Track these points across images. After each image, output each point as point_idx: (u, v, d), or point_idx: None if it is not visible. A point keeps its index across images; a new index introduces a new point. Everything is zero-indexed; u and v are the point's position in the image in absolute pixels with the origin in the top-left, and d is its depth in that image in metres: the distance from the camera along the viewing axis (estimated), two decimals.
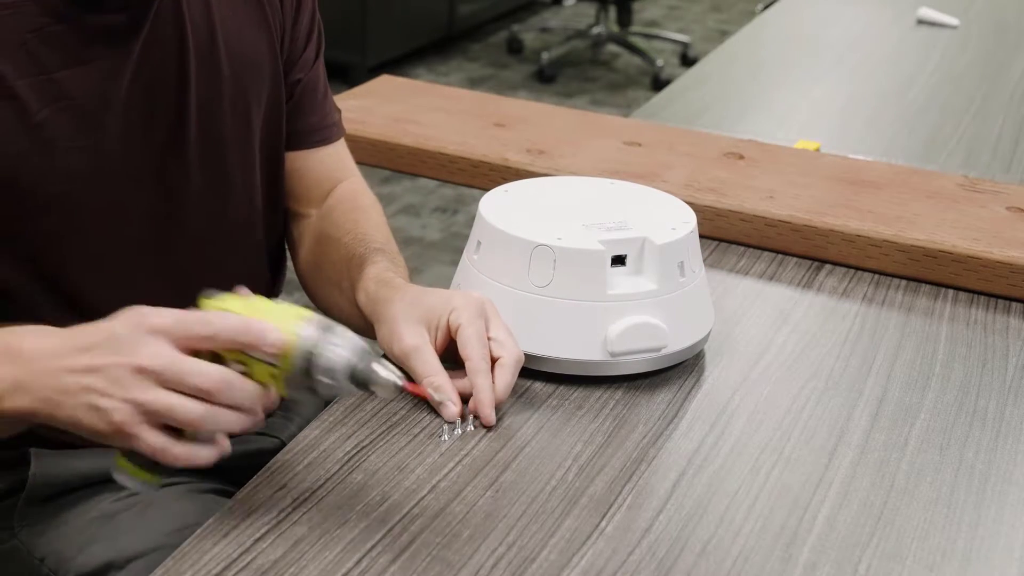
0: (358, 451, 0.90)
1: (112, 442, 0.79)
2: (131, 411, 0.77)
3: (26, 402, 0.79)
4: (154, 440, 0.77)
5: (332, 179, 1.17)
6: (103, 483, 1.07)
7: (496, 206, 1.06)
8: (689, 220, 1.05)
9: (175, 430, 0.78)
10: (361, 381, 0.79)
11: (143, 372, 0.76)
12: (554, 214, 1.05)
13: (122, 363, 0.77)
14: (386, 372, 0.80)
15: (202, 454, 0.79)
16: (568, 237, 0.99)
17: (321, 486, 0.86)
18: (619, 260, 1.01)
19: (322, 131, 1.16)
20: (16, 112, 0.92)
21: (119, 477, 0.82)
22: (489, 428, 0.93)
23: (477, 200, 1.08)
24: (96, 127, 0.97)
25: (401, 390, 0.81)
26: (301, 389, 0.79)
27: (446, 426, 0.93)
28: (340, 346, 0.78)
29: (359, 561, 0.78)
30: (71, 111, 0.95)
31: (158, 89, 1.00)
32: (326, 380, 0.78)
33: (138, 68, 0.98)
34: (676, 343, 1.02)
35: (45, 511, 1.05)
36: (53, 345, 0.80)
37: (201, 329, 0.78)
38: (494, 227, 1.02)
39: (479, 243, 1.04)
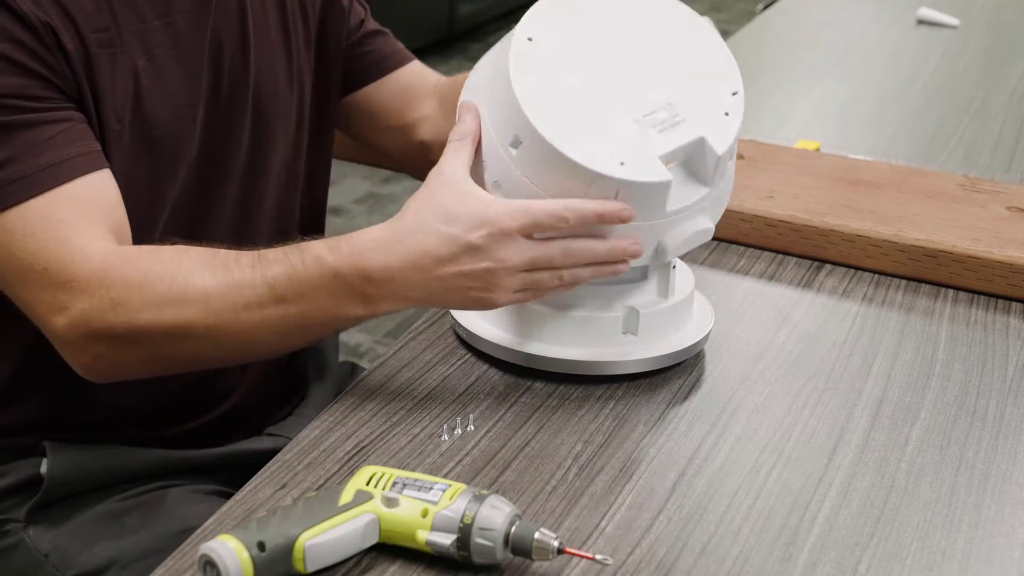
0: (358, 451, 0.90)
1: (481, 309, 0.97)
2: (505, 293, 0.91)
3: (401, 305, 0.91)
4: (517, 297, 0.92)
5: (429, 81, 1.27)
6: (111, 483, 1.07)
7: (536, 89, 0.93)
8: (735, 86, 0.98)
9: None
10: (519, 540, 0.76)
11: (511, 267, 0.90)
12: (601, 104, 0.94)
13: (491, 267, 0.89)
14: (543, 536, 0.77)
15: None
16: (631, 160, 0.91)
17: (321, 485, 0.86)
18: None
19: (403, 50, 1.28)
20: (124, 59, 0.96)
21: None
22: (489, 428, 0.93)
23: None
24: (180, 77, 1.00)
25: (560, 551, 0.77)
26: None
27: (446, 426, 0.93)
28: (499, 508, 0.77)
29: (359, 561, 0.78)
30: (164, 59, 0.98)
31: (225, 47, 1.04)
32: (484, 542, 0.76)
33: (214, 24, 1.02)
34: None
35: (53, 508, 1.05)
36: (405, 261, 0.89)
37: (551, 217, 0.90)
38: (542, 137, 0.90)
39: (519, 140, 0.92)
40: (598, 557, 0.76)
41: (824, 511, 0.86)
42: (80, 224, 0.91)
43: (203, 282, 0.90)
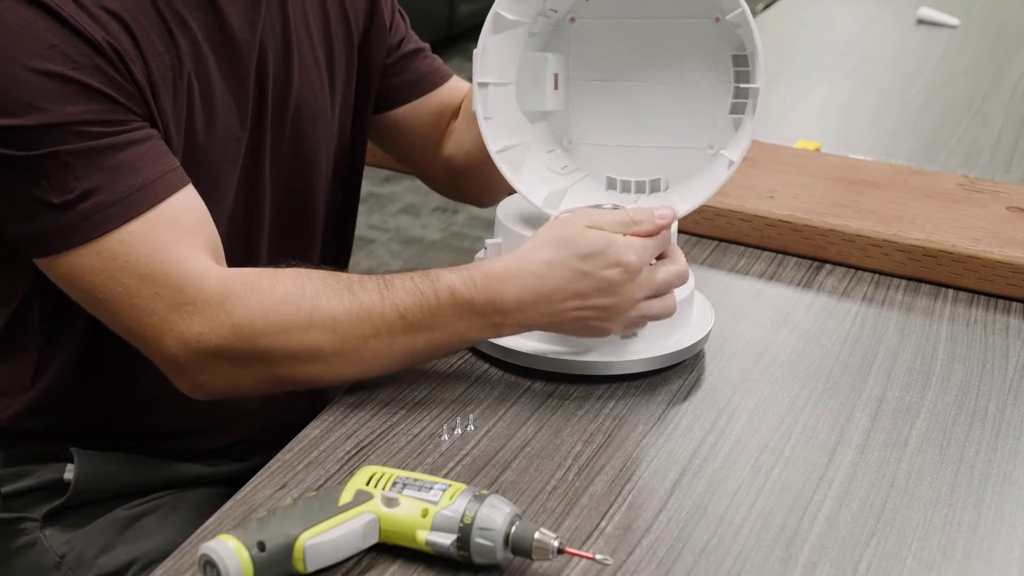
0: (358, 451, 0.90)
1: (592, 337, 0.98)
2: (620, 324, 0.96)
3: (524, 331, 0.96)
4: (623, 329, 0.97)
5: (461, 95, 1.25)
6: (134, 491, 1.07)
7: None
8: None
9: None
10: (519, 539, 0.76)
11: (634, 301, 0.95)
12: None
13: (620, 304, 0.94)
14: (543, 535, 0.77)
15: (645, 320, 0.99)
16: None
17: (321, 485, 0.86)
18: None
19: (440, 68, 1.26)
20: (181, 82, 0.95)
21: None
22: (489, 428, 0.93)
23: None
24: (228, 98, 0.99)
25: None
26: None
27: (446, 426, 0.93)
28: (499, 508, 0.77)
29: (359, 561, 0.78)
30: (215, 81, 0.98)
31: (270, 66, 1.03)
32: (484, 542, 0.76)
33: (261, 43, 1.01)
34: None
35: (70, 511, 1.05)
36: (539, 294, 0.93)
37: (657, 251, 0.96)
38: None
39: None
40: (598, 557, 0.76)
41: (824, 511, 0.86)
42: (185, 245, 0.90)
43: (330, 307, 0.90)
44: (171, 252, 0.89)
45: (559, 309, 0.93)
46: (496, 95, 1.06)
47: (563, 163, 1.10)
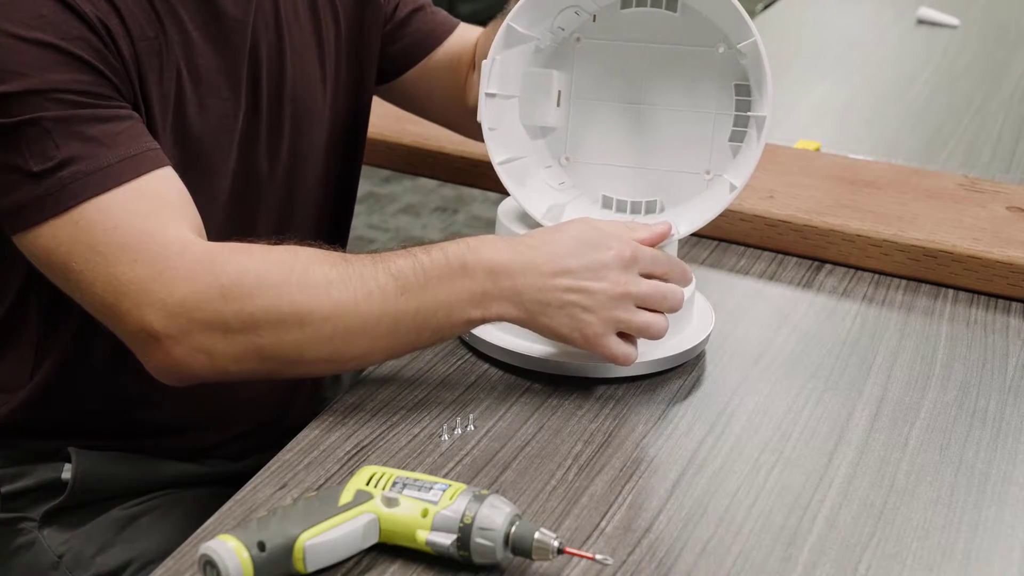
0: (358, 451, 0.90)
1: (577, 346, 0.94)
2: (607, 326, 0.93)
3: (510, 311, 0.92)
4: (618, 347, 0.94)
5: (473, 42, 1.25)
6: (132, 491, 1.07)
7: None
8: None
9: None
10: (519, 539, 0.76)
11: (627, 296, 0.93)
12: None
13: (608, 290, 0.92)
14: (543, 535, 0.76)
15: (634, 353, 0.95)
16: None
17: (321, 485, 0.86)
18: None
19: (445, 20, 1.25)
20: (169, 69, 0.95)
21: None
22: (489, 428, 0.93)
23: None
24: (219, 89, 0.99)
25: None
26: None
27: (446, 426, 0.93)
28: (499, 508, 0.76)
29: (359, 561, 0.78)
30: (205, 71, 0.98)
31: (263, 59, 1.03)
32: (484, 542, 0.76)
33: (253, 35, 1.01)
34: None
35: (69, 510, 1.05)
36: (530, 262, 0.92)
37: (660, 268, 0.96)
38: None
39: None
40: (598, 557, 0.76)
41: (824, 511, 0.86)
42: (167, 216, 0.88)
43: (323, 272, 0.88)
44: (151, 221, 0.87)
45: (548, 285, 0.92)
46: (501, 107, 1.06)
47: (560, 180, 1.10)
